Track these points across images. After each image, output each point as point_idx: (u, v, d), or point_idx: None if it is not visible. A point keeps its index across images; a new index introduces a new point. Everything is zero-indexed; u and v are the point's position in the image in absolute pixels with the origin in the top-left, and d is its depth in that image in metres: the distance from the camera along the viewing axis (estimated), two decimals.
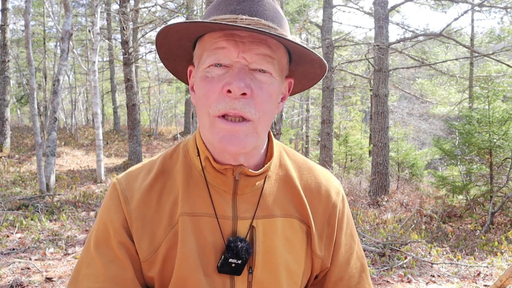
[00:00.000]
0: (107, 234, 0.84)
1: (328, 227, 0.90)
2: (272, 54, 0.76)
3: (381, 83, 8.73)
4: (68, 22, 7.45)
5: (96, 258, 0.83)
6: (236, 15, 0.74)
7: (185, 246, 0.81)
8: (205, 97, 0.76)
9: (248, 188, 0.85)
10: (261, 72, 0.75)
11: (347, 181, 9.84)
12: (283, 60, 0.80)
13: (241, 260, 0.80)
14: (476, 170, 7.01)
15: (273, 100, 0.78)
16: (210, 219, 0.82)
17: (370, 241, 5.06)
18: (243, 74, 0.73)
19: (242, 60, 0.74)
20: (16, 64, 16.32)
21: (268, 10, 0.77)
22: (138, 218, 0.84)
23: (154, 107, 22.50)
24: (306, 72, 0.87)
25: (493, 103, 6.76)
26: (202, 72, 0.77)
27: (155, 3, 15.29)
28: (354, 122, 19.95)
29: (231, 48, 0.73)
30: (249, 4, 0.75)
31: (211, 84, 0.75)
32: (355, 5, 13.99)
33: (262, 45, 0.74)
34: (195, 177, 0.86)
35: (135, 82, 11.09)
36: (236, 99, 0.73)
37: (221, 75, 0.75)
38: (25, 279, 3.61)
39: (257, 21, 0.74)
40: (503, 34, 13.23)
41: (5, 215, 5.75)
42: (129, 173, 0.91)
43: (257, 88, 0.75)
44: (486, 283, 3.88)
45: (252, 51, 0.74)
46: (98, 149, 9.26)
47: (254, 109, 0.74)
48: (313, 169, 0.95)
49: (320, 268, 0.91)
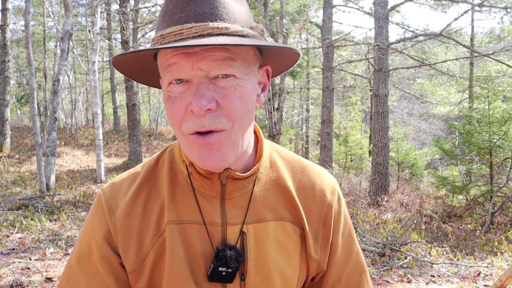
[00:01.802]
0: (89, 248, 0.82)
1: (324, 228, 0.87)
2: (231, 55, 0.70)
3: (381, 83, 8.73)
4: (68, 22, 7.45)
5: (77, 274, 0.81)
6: (181, 25, 0.69)
7: (174, 255, 0.78)
8: (172, 117, 0.73)
9: (236, 192, 0.81)
10: (223, 77, 0.70)
11: (347, 181, 9.84)
12: (247, 54, 0.74)
13: (231, 269, 0.78)
14: (476, 170, 7.01)
15: (245, 100, 0.73)
16: (198, 226, 0.80)
17: (370, 241, 5.06)
18: (204, 89, 0.69)
19: (198, 71, 0.69)
20: (16, 64, 16.32)
21: (215, 8, 0.71)
22: (123, 228, 0.81)
23: (154, 107, 22.52)
24: (279, 56, 0.82)
25: (493, 103, 6.76)
26: (165, 92, 0.74)
27: (155, 3, 15.28)
28: (354, 122, 19.97)
29: (183, 62, 0.69)
30: (193, 8, 0.70)
31: (175, 105, 0.72)
32: (355, 5, 14.01)
33: (217, 49, 0.69)
34: (181, 183, 0.83)
35: (135, 82, 11.08)
36: (202, 116, 0.69)
37: (183, 93, 0.71)
38: (25, 279, 3.61)
39: (203, 26, 0.69)
40: (503, 34, 13.24)
41: (5, 215, 5.75)
42: (114, 183, 0.88)
43: (221, 98, 0.70)
44: (486, 283, 3.88)
45: (207, 58, 0.69)
46: (98, 149, 9.26)
47: (224, 119, 0.71)
48: (306, 168, 0.91)
49: (316, 271, 0.89)
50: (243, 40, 0.70)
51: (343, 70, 14.11)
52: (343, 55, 16.28)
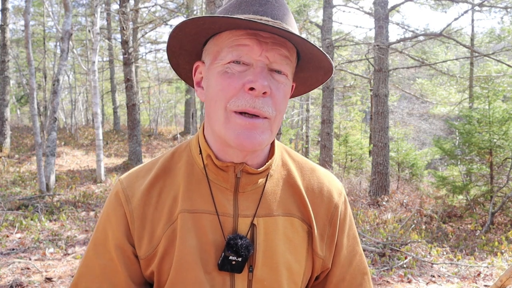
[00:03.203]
0: (105, 235, 0.86)
1: (330, 227, 0.91)
2: (290, 56, 0.78)
3: (381, 83, 8.73)
4: (68, 22, 7.45)
5: (93, 259, 0.86)
6: (260, 16, 0.76)
7: (185, 243, 0.81)
8: (223, 91, 0.76)
9: (249, 186, 0.85)
10: (278, 73, 0.77)
11: (347, 181, 9.83)
12: (294, 63, 0.83)
13: (241, 258, 0.80)
14: (476, 170, 7.01)
15: (286, 100, 0.81)
16: (211, 216, 0.83)
17: (370, 241, 5.06)
18: (265, 73, 0.75)
19: (265, 59, 0.76)
20: (16, 64, 16.31)
21: (286, 15, 0.79)
22: (139, 217, 0.84)
23: (154, 107, 22.50)
24: (306, 78, 0.89)
25: (493, 103, 6.75)
26: (221, 67, 0.77)
27: (155, 3, 15.27)
28: (354, 122, 19.95)
29: (255, 46, 0.75)
30: (270, 7, 0.77)
31: (231, 80, 0.76)
32: (355, 5, 14.01)
33: (283, 47, 0.77)
34: (196, 174, 0.86)
35: (135, 82, 11.09)
36: (256, 97, 0.74)
37: (241, 72, 0.76)
38: (25, 279, 3.61)
39: (279, 24, 0.76)
40: (503, 34, 13.22)
41: (5, 215, 5.74)
42: (131, 172, 0.92)
43: (275, 88, 0.77)
44: (486, 283, 3.88)
45: (275, 51, 0.76)
46: (98, 149, 9.26)
47: (271, 108, 0.76)
48: (315, 170, 0.95)
49: (321, 269, 0.91)
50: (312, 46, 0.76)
51: (343, 70, 14.10)
52: (343, 55, 16.27)
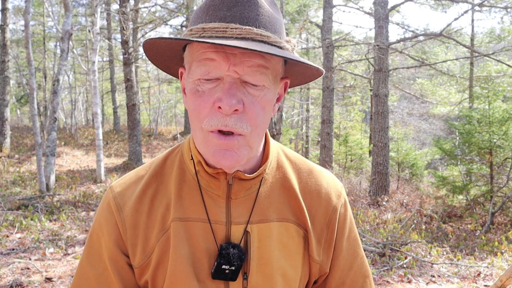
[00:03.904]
0: (98, 244, 0.85)
1: (328, 231, 0.88)
2: (265, 63, 0.72)
3: (381, 83, 8.72)
4: (68, 22, 7.45)
5: (88, 269, 0.85)
6: (226, 24, 0.70)
7: (178, 251, 0.80)
8: (196, 111, 0.74)
9: (242, 192, 0.82)
10: (254, 86, 0.72)
11: (347, 181, 9.83)
12: (277, 65, 0.76)
13: (234, 267, 0.79)
14: (476, 170, 7.01)
15: (266, 111, 0.76)
16: (203, 224, 0.81)
17: (370, 241, 5.06)
18: (235, 89, 0.70)
19: (233, 73, 0.70)
20: (16, 64, 16.31)
21: (261, 15, 0.72)
22: (131, 226, 0.83)
23: (154, 107, 22.50)
24: (302, 71, 0.84)
25: (493, 103, 6.75)
26: (192, 85, 0.74)
27: (155, 3, 15.27)
28: (354, 122, 19.95)
29: (221, 61, 0.70)
30: (240, 9, 0.71)
31: (201, 99, 0.73)
32: (355, 5, 14.00)
33: (255, 56, 0.70)
34: (188, 181, 0.84)
35: (135, 82, 11.09)
36: (227, 115, 0.71)
37: (212, 89, 0.72)
38: (25, 279, 3.61)
39: (248, 30, 0.69)
40: (503, 34, 13.22)
41: (5, 215, 5.74)
42: (122, 179, 0.90)
43: (249, 103, 0.72)
44: (486, 283, 3.88)
45: (244, 63, 0.70)
46: (98, 149, 9.26)
47: (246, 124, 0.72)
48: (313, 171, 0.91)
49: (319, 274, 0.89)
50: (284, 52, 0.71)
51: (343, 70, 14.09)
52: (343, 55, 16.27)
